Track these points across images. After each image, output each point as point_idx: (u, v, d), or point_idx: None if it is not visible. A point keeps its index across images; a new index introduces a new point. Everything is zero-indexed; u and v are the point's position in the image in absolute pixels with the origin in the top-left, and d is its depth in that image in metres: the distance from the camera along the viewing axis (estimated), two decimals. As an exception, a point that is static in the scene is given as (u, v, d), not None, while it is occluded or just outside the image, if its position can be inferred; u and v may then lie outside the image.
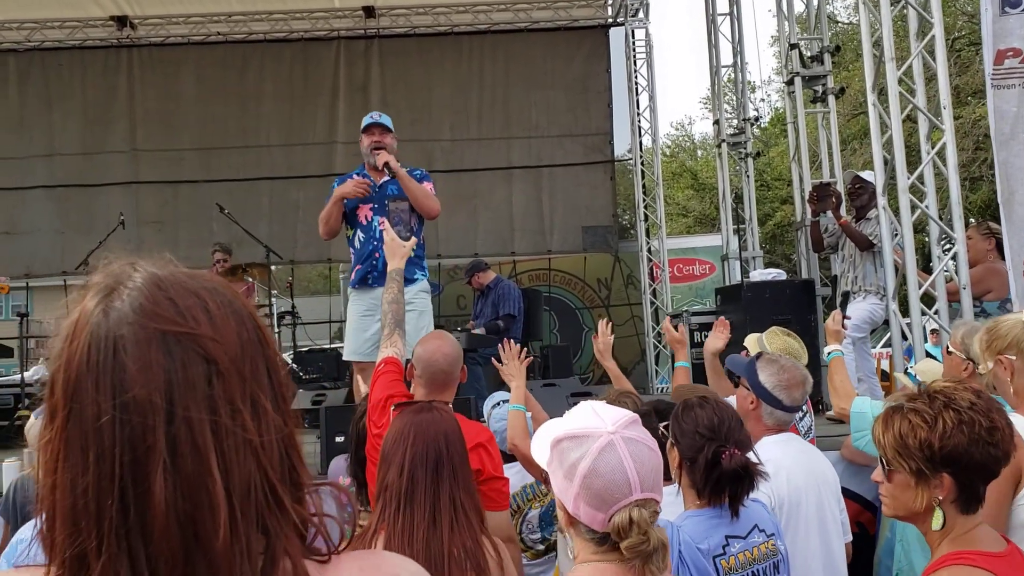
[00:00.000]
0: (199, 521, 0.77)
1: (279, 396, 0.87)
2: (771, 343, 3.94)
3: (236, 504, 0.79)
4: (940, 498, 1.81)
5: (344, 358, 5.31)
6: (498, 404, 3.74)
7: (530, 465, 3.03)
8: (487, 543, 2.17)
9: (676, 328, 4.32)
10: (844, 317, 4.12)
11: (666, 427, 2.54)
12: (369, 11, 11.28)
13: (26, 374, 7.96)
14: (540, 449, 1.67)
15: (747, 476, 2.29)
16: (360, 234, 5.10)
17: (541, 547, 3.61)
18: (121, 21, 11.19)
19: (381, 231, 4.83)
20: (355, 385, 5.17)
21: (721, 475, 2.28)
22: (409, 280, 4.93)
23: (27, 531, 2.49)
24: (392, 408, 2.53)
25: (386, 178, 5.10)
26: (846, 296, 6.37)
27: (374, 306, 4.96)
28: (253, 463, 0.81)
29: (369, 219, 5.04)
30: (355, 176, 5.15)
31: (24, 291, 10.52)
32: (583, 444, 1.54)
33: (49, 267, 11.03)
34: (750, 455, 2.33)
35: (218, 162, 11.17)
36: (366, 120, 5.20)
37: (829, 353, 3.74)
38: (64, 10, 10.94)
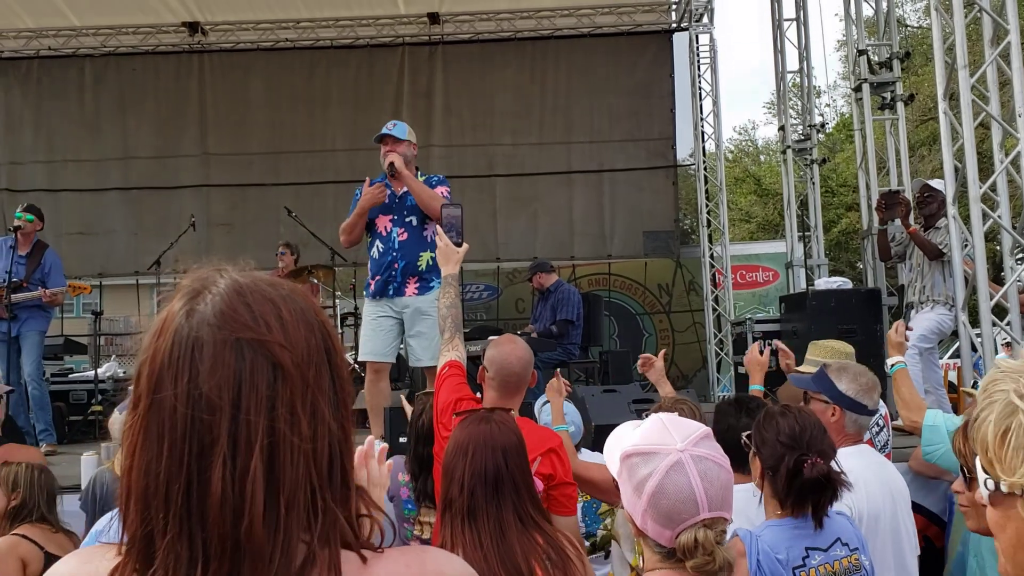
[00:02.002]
0: (246, 514, 0.83)
1: (340, 402, 0.93)
2: (820, 355, 3.89)
3: (282, 502, 0.85)
4: None
5: (360, 359, 5.25)
6: (548, 403, 3.76)
7: (585, 485, 3.02)
8: (564, 540, 2.17)
9: (762, 352, 4.22)
10: (907, 328, 4.05)
11: (748, 436, 2.53)
12: (434, 17, 11.41)
13: (99, 371, 8.19)
14: (610, 459, 1.68)
15: (830, 485, 2.26)
16: (379, 244, 5.11)
17: (587, 544, 3.61)
18: (193, 27, 11.49)
19: (400, 242, 4.97)
20: (367, 385, 5.09)
21: (803, 484, 2.26)
22: (427, 287, 5.02)
23: (104, 522, 2.57)
24: (454, 415, 2.56)
25: (406, 188, 5.08)
26: (909, 307, 6.24)
27: (392, 311, 5.04)
28: (302, 465, 0.87)
29: (388, 230, 5.06)
30: (375, 183, 5.13)
31: (97, 289, 10.83)
32: (652, 461, 1.55)
33: (122, 267, 11.38)
34: (832, 464, 2.30)
35: (285, 166, 11.40)
36: (381, 131, 5.19)
37: (893, 365, 3.67)
38: (138, 16, 11.26)
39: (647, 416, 3.16)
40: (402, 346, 5.27)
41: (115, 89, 11.76)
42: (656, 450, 1.56)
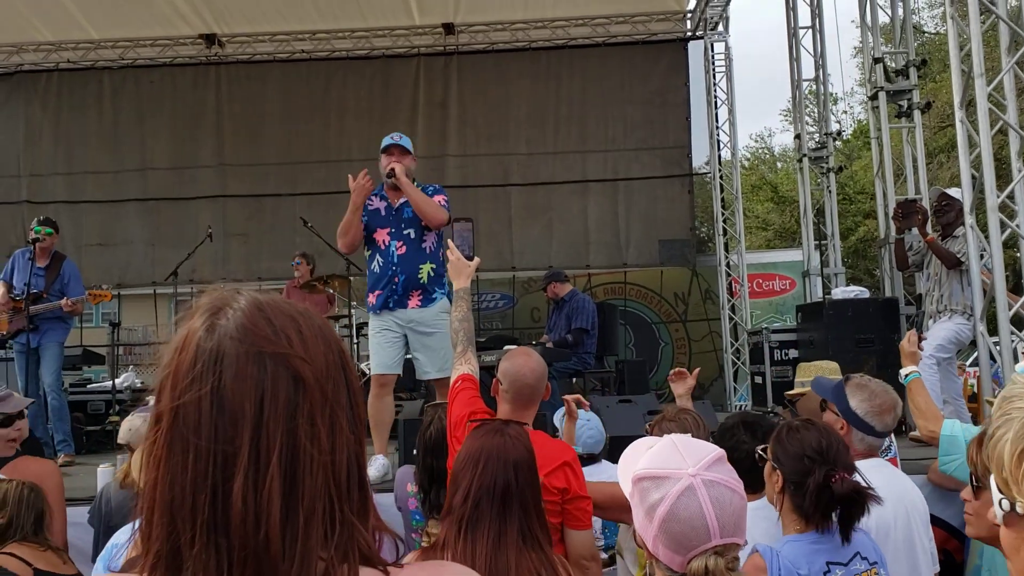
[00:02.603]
0: (262, 524, 0.84)
1: (356, 417, 0.94)
2: (805, 376, 3.87)
3: (300, 514, 0.86)
4: None
5: (372, 372, 5.18)
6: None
7: (600, 510, 2.98)
8: (560, 567, 2.15)
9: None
10: (920, 338, 4.00)
11: (764, 449, 2.50)
12: (449, 28, 11.46)
13: (116, 381, 8.24)
14: (623, 479, 1.67)
15: (860, 500, 2.24)
16: (379, 258, 5.10)
17: (604, 556, 3.59)
18: (210, 39, 11.58)
19: (399, 255, 4.96)
20: (371, 399, 4.97)
21: (831, 499, 2.24)
22: (429, 300, 5.02)
23: (123, 535, 2.58)
24: (467, 423, 2.55)
25: (403, 200, 5.08)
26: (927, 317, 6.19)
27: (396, 325, 5.03)
28: (321, 477, 0.88)
29: (387, 243, 5.05)
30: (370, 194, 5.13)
31: (115, 300, 10.93)
32: (663, 486, 1.52)
33: (140, 277, 11.46)
34: (858, 479, 2.28)
35: (301, 176, 11.44)
36: (385, 141, 5.21)
37: (907, 376, 3.62)
38: (156, 29, 11.36)
39: (649, 426, 3.16)
40: (410, 356, 5.25)
41: (133, 101, 11.87)
42: (668, 474, 1.54)
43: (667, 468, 1.55)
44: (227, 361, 0.88)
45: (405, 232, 5.05)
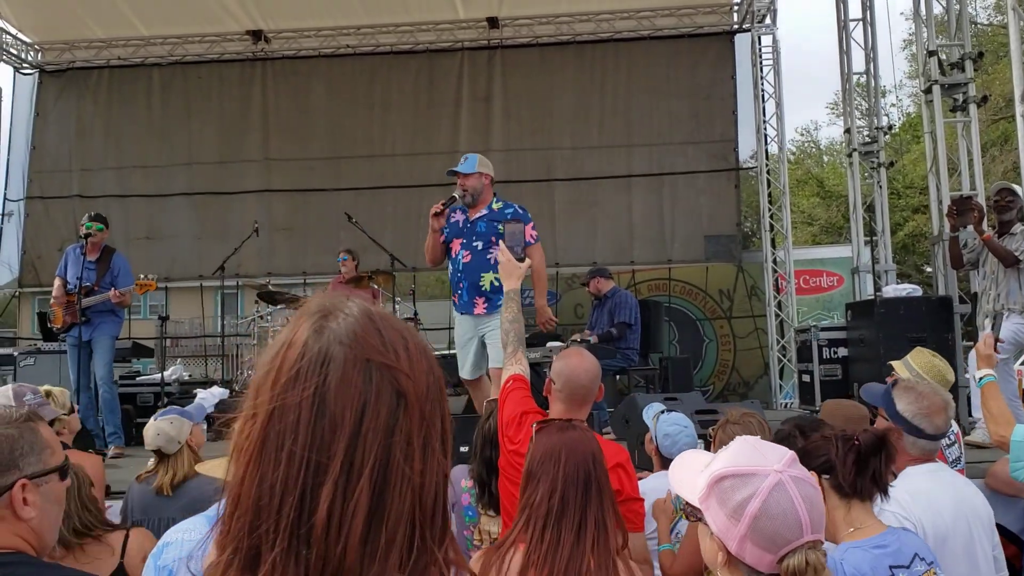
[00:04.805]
0: (342, 538, 0.82)
1: (446, 443, 0.92)
2: (918, 365, 3.75)
3: (384, 533, 0.83)
4: None
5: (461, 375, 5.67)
6: (663, 412, 3.70)
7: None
8: (621, 566, 2.15)
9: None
10: (997, 340, 3.88)
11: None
12: (493, 22, 11.44)
13: (165, 373, 8.34)
14: (679, 484, 1.63)
15: (886, 444, 2.21)
16: (451, 265, 5.55)
17: None
18: (256, 35, 11.70)
19: (464, 263, 5.35)
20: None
21: (860, 453, 2.20)
22: (494, 306, 5.28)
23: (174, 534, 2.59)
24: (533, 425, 2.53)
25: (478, 215, 5.42)
26: (997, 317, 6.00)
27: (471, 328, 5.46)
28: (409, 499, 0.85)
29: (457, 252, 5.46)
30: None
31: (163, 292, 11.09)
32: (750, 483, 1.48)
33: (187, 271, 11.62)
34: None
35: (346, 171, 11.52)
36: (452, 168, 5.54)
37: (981, 379, 3.53)
38: (204, 25, 11.52)
39: (713, 430, 3.11)
40: (447, 352, 5.55)
41: (181, 96, 12.04)
42: (754, 471, 1.50)
43: (752, 466, 1.51)
44: (333, 365, 0.86)
45: (474, 244, 5.40)
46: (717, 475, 1.53)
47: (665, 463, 3.16)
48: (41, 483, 1.67)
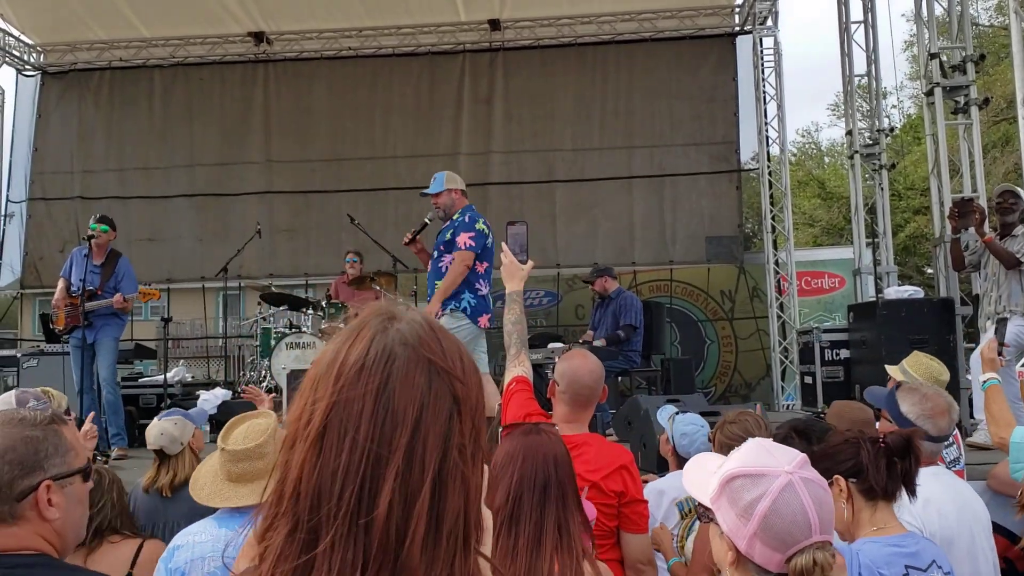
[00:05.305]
0: (408, 535, 0.85)
1: (485, 455, 0.96)
2: (914, 369, 3.77)
3: (444, 531, 0.87)
4: None
5: None
6: (677, 413, 3.71)
7: None
8: (589, 570, 2.14)
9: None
10: (1001, 344, 3.90)
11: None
12: (494, 24, 11.46)
13: (168, 375, 8.34)
14: (692, 485, 1.64)
15: (913, 446, 2.22)
16: None
17: None
18: (258, 37, 11.71)
19: (429, 272, 5.65)
20: None
21: (890, 454, 2.21)
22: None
23: (183, 537, 2.59)
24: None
25: (445, 225, 5.72)
26: (1002, 322, 5.99)
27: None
28: (462, 499, 0.89)
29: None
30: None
31: (164, 293, 11.11)
32: (760, 483, 1.51)
33: (188, 272, 11.62)
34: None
35: (347, 172, 11.54)
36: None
37: (985, 382, 3.56)
38: (206, 27, 11.53)
39: (712, 432, 3.11)
40: None
41: (183, 98, 12.06)
42: (765, 471, 1.52)
43: (763, 466, 1.53)
44: (398, 363, 0.89)
45: (433, 252, 5.77)
46: (728, 475, 1.55)
47: (682, 463, 3.16)
48: (65, 484, 1.68)
